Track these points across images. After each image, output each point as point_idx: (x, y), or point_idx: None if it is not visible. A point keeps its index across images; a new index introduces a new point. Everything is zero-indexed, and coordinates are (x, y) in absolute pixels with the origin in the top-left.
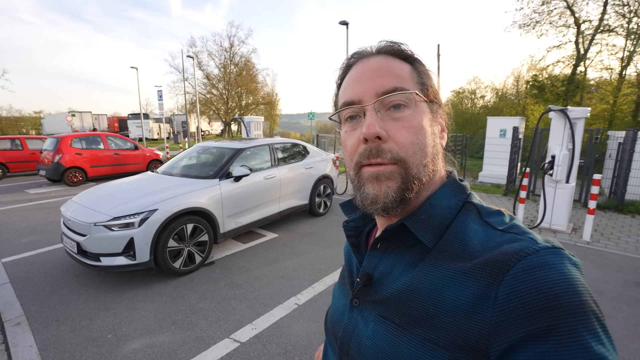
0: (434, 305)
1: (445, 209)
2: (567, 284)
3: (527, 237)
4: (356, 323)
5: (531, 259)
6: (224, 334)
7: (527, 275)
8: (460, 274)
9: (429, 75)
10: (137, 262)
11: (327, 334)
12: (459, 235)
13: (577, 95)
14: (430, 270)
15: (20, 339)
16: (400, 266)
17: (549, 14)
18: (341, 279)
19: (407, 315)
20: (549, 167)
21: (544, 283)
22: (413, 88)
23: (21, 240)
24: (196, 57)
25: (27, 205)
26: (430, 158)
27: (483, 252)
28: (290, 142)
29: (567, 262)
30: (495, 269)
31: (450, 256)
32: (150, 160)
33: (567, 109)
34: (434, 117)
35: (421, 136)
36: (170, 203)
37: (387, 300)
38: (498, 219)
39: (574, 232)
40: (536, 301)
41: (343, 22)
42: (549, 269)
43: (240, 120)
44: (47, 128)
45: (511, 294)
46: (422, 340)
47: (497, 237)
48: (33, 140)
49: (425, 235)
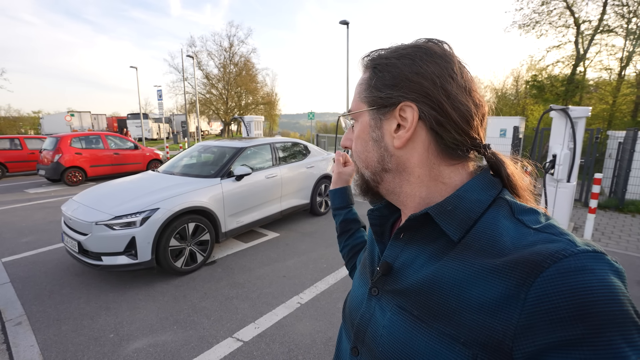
0: (457, 301)
1: (474, 202)
2: (606, 291)
3: (564, 238)
4: (373, 312)
5: (568, 261)
6: (226, 333)
7: (563, 278)
8: (487, 271)
9: (384, 75)
10: (139, 262)
11: (344, 320)
12: (488, 230)
13: (577, 96)
14: (455, 264)
15: (22, 338)
16: (422, 258)
17: (548, 14)
18: (362, 267)
19: (427, 308)
20: (551, 166)
21: (581, 288)
22: (359, 105)
23: (21, 239)
24: (196, 57)
25: (27, 205)
26: (373, 162)
27: (514, 250)
28: (291, 142)
29: (608, 268)
30: (527, 269)
31: (477, 251)
32: (150, 159)
33: (568, 108)
34: (375, 123)
35: (358, 145)
36: (172, 202)
37: (407, 291)
38: (532, 218)
39: (575, 231)
40: (571, 307)
41: (343, 21)
42: (588, 274)
43: (241, 120)
44: (46, 128)
45: (543, 297)
46: (441, 335)
47: (530, 235)
48: (32, 139)
49: (450, 227)
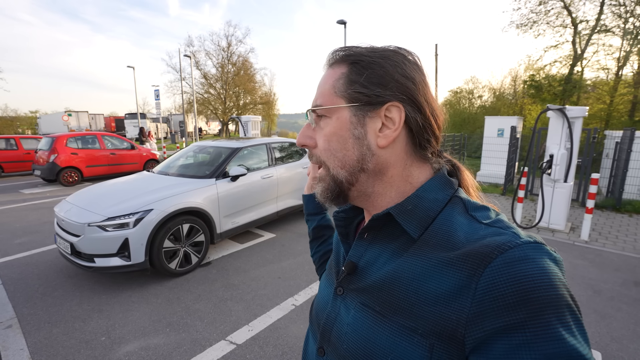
0: (416, 294)
1: (432, 201)
2: (544, 277)
3: (510, 231)
4: (339, 311)
5: (512, 252)
6: (220, 336)
7: (508, 267)
8: (443, 264)
9: (366, 72)
10: (132, 263)
11: (311, 323)
12: (444, 226)
13: (574, 95)
14: (414, 259)
15: (12, 342)
16: (385, 255)
17: (546, 14)
18: (328, 269)
19: (388, 303)
20: (547, 167)
21: (523, 276)
22: (334, 100)
23: (15, 241)
24: (193, 57)
25: (22, 205)
26: (350, 161)
27: (467, 243)
28: (287, 142)
29: (547, 257)
30: (478, 261)
31: (434, 246)
32: (147, 160)
33: (565, 108)
34: (358, 120)
35: (333, 143)
36: (166, 203)
37: (370, 288)
38: (484, 214)
39: (572, 232)
40: (514, 293)
41: (341, 21)
42: (529, 263)
43: (238, 119)
44: (43, 128)
45: (491, 286)
46: (400, 328)
47: (481, 230)
48: (28, 139)
49: (410, 226)
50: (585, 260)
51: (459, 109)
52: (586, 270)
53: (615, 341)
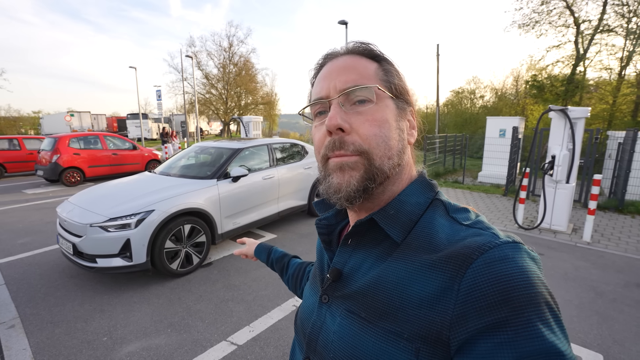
0: (400, 298)
1: (414, 205)
2: (523, 276)
3: (489, 232)
4: (324, 319)
5: (492, 252)
6: (221, 337)
7: (489, 267)
8: (426, 267)
9: (396, 73)
10: (134, 264)
11: (296, 332)
12: (426, 229)
13: (577, 95)
14: (398, 264)
15: (14, 342)
16: (369, 261)
17: (548, 13)
18: (312, 277)
19: (373, 309)
20: (549, 167)
21: (503, 276)
22: (375, 84)
23: (17, 241)
24: (195, 57)
25: (24, 205)
26: (396, 152)
27: (448, 245)
28: (289, 142)
29: (526, 256)
30: (459, 262)
31: (416, 249)
32: (148, 160)
33: (567, 108)
34: (400, 114)
35: (385, 129)
36: (168, 204)
37: (355, 295)
38: (464, 215)
39: (574, 233)
40: (495, 293)
41: (342, 21)
42: (508, 262)
43: (239, 120)
44: (46, 128)
45: (473, 286)
46: (386, 333)
47: (462, 231)
48: (31, 140)
49: (393, 230)
50: (588, 261)
51: (461, 109)
52: (588, 272)
53: (618, 343)
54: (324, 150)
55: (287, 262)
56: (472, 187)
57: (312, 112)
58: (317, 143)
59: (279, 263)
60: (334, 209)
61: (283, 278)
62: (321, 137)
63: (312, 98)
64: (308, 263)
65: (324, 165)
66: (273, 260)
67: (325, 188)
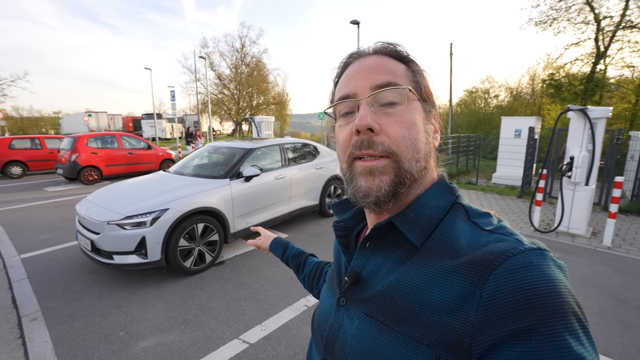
0: (419, 303)
1: (434, 209)
2: (549, 284)
3: (513, 238)
4: (342, 322)
5: (516, 259)
6: (233, 335)
7: (512, 275)
8: (446, 272)
9: (424, 75)
10: (149, 261)
11: (314, 334)
12: (447, 234)
13: (597, 94)
14: (417, 268)
15: (37, 334)
16: (388, 264)
17: (566, 10)
18: (329, 279)
19: (392, 313)
20: (568, 169)
21: (527, 283)
22: (406, 85)
23: (39, 237)
24: (208, 58)
25: (45, 203)
26: (423, 155)
27: (470, 250)
28: (300, 142)
29: (552, 263)
30: (481, 268)
31: (437, 254)
32: (162, 159)
33: (587, 108)
34: (427, 117)
35: (413, 132)
36: (182, 202)
37: (373, 298)
38: (486, 220)
39: (594, 237)
40: (519, 301)
41: (354, 21)
42: (533, 270)
43: (251, 120)
44: (65, 128)
45: (495, 293)
46: (405, 339)
47: (484, 236)
48: (51, 139)
49: (413, 234)
50: (608, 267)
51: (474, 109)
52: (609, 278)
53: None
54: (350, 149)
55: (303, 260)
56: (486, 188)
57: (337, 112)
58: (343, 142)
59: (295, 260)
60: (351, 211)
61: (299, 276)
62: (346, 136)
63: (337, 97)
64: (325, 263)
65: (350, 167)
66: (289, 257)
67: (353, 192)
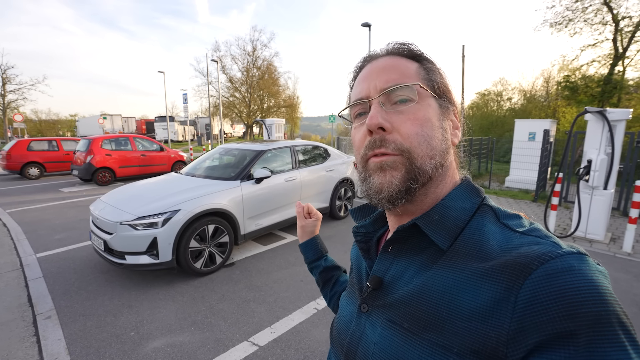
0: (447, 309)
1: (460, 210)
2: (593, 291)
3: (549, 240)
4: (364, 329)
5: (555, 263)
6: (242, 337)
7: (551, 279)
8: (477, 276)
9: (438, 72)
10: (160, 262)
11: (333, 344)
12: (475, 236)
13: (615, 97)
14: (444, 272)
15: (50, 332)
16: (412, 269)
17: (583, 11)
18: (349, 286)
19: (416, 319)
20: (585, 173)
21: (569, 289)
22: (418, 82)
23: (54, 236)
24: (220, 61)
25: (61, 203)
26: (438, 152)
27: (501, 253)
28: (311, 145)
29: (594, 269)
30: (516, 272)
31: (465, 257)
32: (174, 161)
33: (605, 110)
34: (443, 113)
35: (427, 128)
36: (193, 204)
37: (397, 304)
38: (517, 222)
39: (613, 243)
40: (559, 307)
41: (365, 24)
42: (575, 275)
43: (262, 122)
44: (81, 130)
45: (533, 299)
46: (433, 346)
47: (516, 239)
48: (68, 141)
49: (438, 236)
50: (629, 273)
51: (487, 111)
52: (630, 285)
53: None
54: (364, 150)
55: (337, 277)
56: (499, 192)
57: (352, 114)
58: (358, 144)
59: (327, 272)
60: (371, 216)
61: (324, 290)
62: (361, 137)
63: (352, 100)
64: None
65: (364, 166)
66: (323, 268)
67: (366, 189)
